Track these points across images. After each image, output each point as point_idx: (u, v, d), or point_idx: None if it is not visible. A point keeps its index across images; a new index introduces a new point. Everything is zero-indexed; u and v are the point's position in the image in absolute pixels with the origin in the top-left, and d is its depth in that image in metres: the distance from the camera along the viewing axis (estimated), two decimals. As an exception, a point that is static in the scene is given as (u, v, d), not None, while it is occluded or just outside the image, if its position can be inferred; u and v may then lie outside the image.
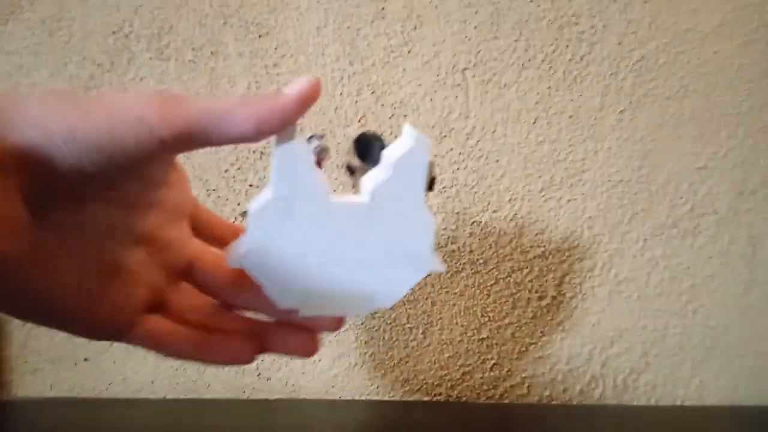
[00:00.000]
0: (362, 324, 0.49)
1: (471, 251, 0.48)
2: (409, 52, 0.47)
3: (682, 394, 0.49)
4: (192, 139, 0.22)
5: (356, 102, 0.47)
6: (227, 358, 0.26)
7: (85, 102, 0.20)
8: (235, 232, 0.29)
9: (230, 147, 0.47)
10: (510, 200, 0.48)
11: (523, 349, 0.49)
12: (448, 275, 0.48)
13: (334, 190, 0.25)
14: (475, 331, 0.48)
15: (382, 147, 0.26)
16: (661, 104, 0.47)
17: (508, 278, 0.48)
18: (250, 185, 0.47)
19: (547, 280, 0.48)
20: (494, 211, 0.48)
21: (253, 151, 0.47)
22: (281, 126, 0.23)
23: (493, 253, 0.48)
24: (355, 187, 0.27)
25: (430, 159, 0.25)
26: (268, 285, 0.25)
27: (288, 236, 0.24)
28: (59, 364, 0.48)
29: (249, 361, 0.26)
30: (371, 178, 0.25)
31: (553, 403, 0.49)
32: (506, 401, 0.49)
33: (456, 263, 0.48)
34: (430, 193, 0.44)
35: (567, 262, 0.48)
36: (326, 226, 0.25)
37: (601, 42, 0.47)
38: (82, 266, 0.22)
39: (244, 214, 0.26)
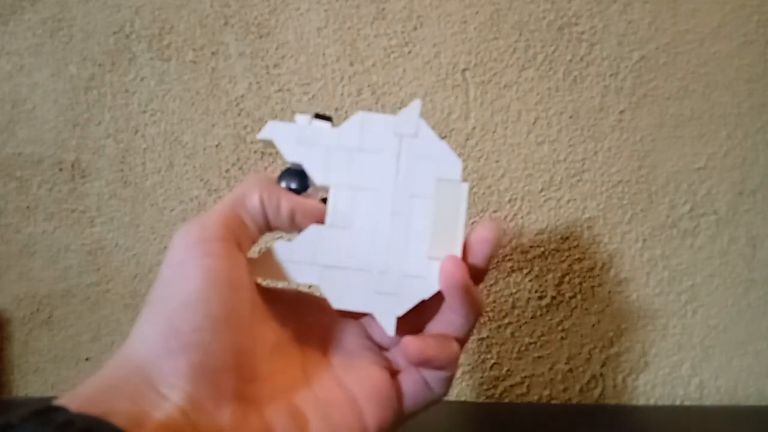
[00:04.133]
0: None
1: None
2: (409, 52, 0.47)
3: (681, 394, 0.49)
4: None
5: (356, 102, 0.47)
6: None
7: None
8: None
9: (231, 147, 0.47)
10: (510, 200, 0.48)
11: (523, 348, 0.49)
12: (448, 275, 0.48)
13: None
14: (475, 330, 0.49)
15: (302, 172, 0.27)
16: (660, 104, 0.48)
17: (508, 278, 0.48)
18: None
19: (546, 280, 0.48)
20: (494, 212, 0.48)
21: (254, 152, 0.47)
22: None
23: (493, 253, 0.48)
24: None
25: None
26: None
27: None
28: (60, 363, 0.48)
29: None
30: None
31: (553, 402, 0.49)
32: (506, 400, 0.49)
33: (456, 263, 0.48)
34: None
35: (567, 262, 0.48)
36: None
37: (601, 42, 0.47)
38: None
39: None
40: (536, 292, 0.48)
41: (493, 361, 0.49)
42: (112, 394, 0.21)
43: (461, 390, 0.49)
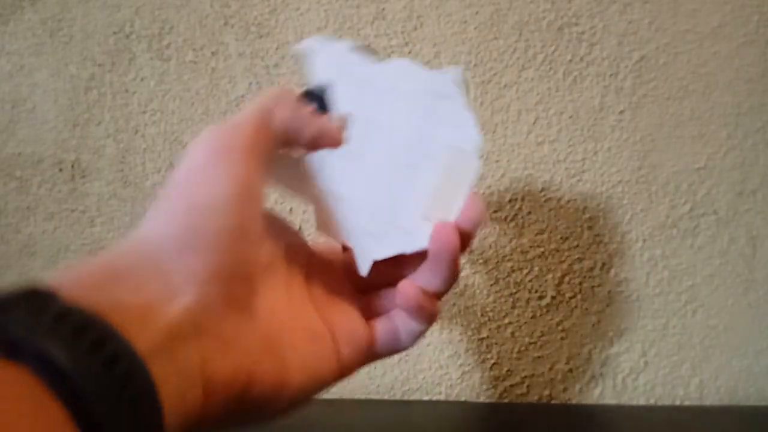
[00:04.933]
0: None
1: (471, 251, 0.48)
2: (409, 52, 0.47)
3: (681, 394, 0.49)
4: None
5: (356, 102, 0.47)
6: None
7: None
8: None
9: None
10: (510, 200, 0.48)
11: (523, 348, 0.49)
12: (448, 275, 0.48)
13: None
14: (475, 330, 0.49)
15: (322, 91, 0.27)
16: (660, 104, 0.48)
17: (508, 278, 0.48)
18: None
19: (546, 280, 0.48)
20: (494, 212, 0.48)
21: (254, 151, 0.47)
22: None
23: (493, 253, 0.48)
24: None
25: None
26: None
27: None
28: (60, 363, 0.48)
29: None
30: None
31: (553, 402, 0.49)
32: (506, 400, 0.49)
33: (456, 263, 0.48)
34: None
35: (566, 262, 0.48)
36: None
37: (601, 42, 0.47)
38: None
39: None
40: (536, 292, 0.48)
41: (493, 361, 0.49)
42: (115, 284, 0.19)
43: (461, 390, 0.49)
